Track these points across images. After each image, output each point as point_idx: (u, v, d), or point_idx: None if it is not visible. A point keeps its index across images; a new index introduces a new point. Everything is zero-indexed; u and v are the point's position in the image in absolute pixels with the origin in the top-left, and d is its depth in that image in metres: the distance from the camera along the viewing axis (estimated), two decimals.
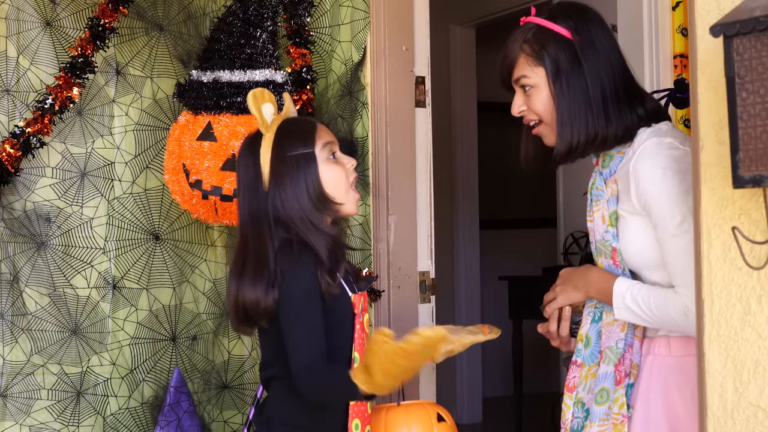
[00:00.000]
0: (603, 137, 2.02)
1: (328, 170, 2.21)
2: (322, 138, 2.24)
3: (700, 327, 1.70)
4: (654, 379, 2.06)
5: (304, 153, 2.20)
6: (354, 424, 2.18)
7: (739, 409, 1.63)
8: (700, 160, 1.69)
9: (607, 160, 2.08)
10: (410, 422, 2.43)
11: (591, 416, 2.06)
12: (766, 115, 1.45)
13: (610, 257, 2.06)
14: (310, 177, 2.18)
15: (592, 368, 2.09)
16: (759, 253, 1.60)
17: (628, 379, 2.05)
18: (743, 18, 1.45)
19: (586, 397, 2.09)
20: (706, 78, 1.69)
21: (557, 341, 2.19)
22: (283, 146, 2.21)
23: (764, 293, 1.60)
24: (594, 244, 2.13)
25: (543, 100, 2.03)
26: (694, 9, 1.71)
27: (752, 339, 1.62)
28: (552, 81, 2.01)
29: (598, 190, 2.09)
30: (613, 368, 2.05)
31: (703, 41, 1.68)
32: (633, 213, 2.03)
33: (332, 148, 2.25)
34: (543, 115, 2.04)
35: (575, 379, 2.12)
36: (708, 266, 1.68)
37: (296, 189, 2.17)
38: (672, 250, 1.95)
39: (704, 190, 1.69)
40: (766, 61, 1.44)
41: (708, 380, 1.67)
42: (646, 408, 2.07)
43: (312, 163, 2.20)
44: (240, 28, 2.91)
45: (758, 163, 1.46)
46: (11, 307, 3.01)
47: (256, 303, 2.14)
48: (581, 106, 2.01)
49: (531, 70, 2.04)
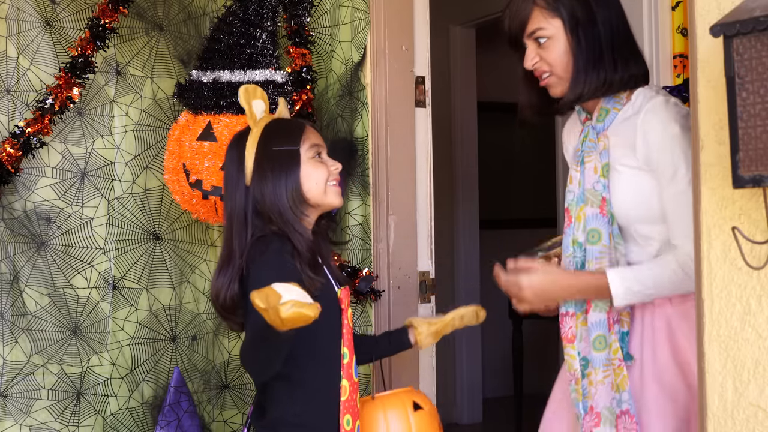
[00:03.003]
0: (610, 83, 2.10)
1: (312, 169, 2.23)
2: (310, 139, 2.25)
3: (700, 327, 1.70)
4: (657, 325, 2.11)
5: (288, 150, 2.21)
6: (345, 419, 2.19)
7: (739, 409, 1.63)
8: (700, 160, 1.69)
9: (603, 115, 2.14)
10: (386, 413, 2.36)
11: (592, 363, 2.11)
12: (766, 115, 1.45)
13: (598, 206, 2.11)
14: (292, 174, 2.20)
15: (580, 317, 2.14)
16: (759, 253, 1.60)
17: (618, 325, 2.11)
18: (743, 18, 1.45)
19: (580, 346, 2.14)
20: (706, 78, 1.69)
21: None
22: (268, 142, 2.23)
23: (764, 293, 1.60)
24: (576, 193, 2.17)
25: (560, 51, 2.09)
26: (694, 9, 1.71)
27: (752, 339, 1.62)
28: (570, 32, 2.08)
29: (590, 142, 2.15)
30: (605, 315, 2.10)
31: (703, 41, 1.68)
32: (634, 167, 2.08)
33: (318, 149, 2.26)
34: (556, 66, 2.10)
35: (572, 330, 2.15)
36: (708, 266, 1.68)
37: (276, 185, 2.19)
38: (682, 201, 1.99)
39: (704, 190, 1.69)
40: (766, 61, 1.44)
41: (708, 380, 1.67)
42: (652, 354, 2.10)
43: (295, 162, 2.21)
44: (240, 28, 2.91)
45: (758, 163, 1.46)
46: (11, 307, 3.01)
47: (217, 294, 2.17)
48: (596, 56, 2.08)
49: (547, 22, 2.09)
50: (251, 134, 2.25)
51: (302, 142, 2.24)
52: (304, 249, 2.16)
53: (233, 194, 2.24)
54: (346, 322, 2.23)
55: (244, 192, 2.22)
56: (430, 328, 2.45)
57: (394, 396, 2.42)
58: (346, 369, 2.20)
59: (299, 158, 2.22)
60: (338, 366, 2.20)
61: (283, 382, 2.16)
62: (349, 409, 2.21)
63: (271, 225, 2.18)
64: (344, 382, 2.20)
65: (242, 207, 2.21)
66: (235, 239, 2.19)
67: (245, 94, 2.28)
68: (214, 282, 2.21)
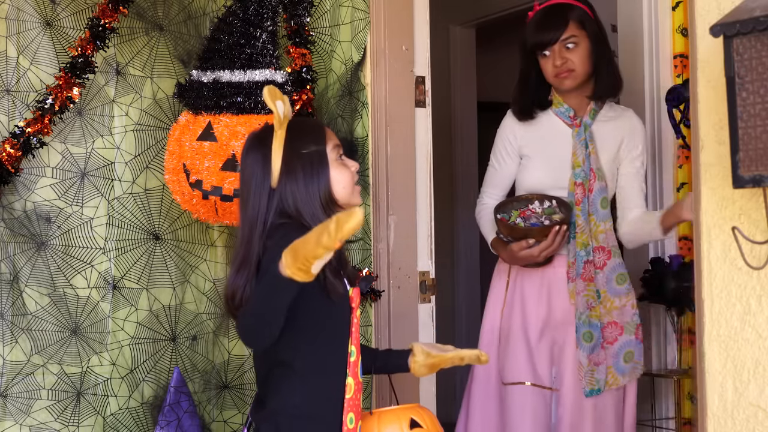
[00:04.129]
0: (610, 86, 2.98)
1: (338, 172, 2.23)
2: (332, 139, 2.26)
3: (700, 327, 1.70)
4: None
5: (317, 150, 2.21)
6: (349, 418, 2.19)
7: (739, 409, 1.63)
8: (700, 160, 1.69)
9: (592, 114, 2.95)
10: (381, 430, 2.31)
11: (613, 293, 2.89)
12: (766, 115, 1.45)
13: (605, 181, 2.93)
14: (323, 176, 2.20)
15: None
16: (759, 253, 1.60)
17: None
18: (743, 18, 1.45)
19: (599, 283, 2.90)
20: (706, 78, 1.69)
21: (545, 253, 2.83)
22: (296, 143, 2.21)
23: (764, 293, 1.60)
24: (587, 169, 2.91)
25: (583, 54, 2.90)
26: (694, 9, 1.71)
27: (752, 339, 1.62)
28: (592, 42, 2.91)
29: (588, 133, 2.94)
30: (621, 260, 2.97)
31: (703, 41, 1.68)
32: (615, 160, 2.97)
33: (339, 150, 2.26)
34: (579, 65, 2.90)
35: (590, 272, 2.88)
36: (708, 266, 1.69)
37: (309, 186, 2.18)
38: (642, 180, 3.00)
39: (704, 190, 1.69)
40: (766, 61, 1.44)
41: (708, 380, 1.67)
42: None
43: (324, 162, 2.21)
44: (240, 28, 2.91)
45: (758, 163, 1.46)
46: (11, 307, 3.01)
47: (233, 293, 2.16)
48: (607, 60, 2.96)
49: (579, 32, 2.90)
50: (276, 135, 2.21)
51: (327, 141, 2.23)
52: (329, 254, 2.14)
53: (258, 195, 2.20)
54: (356, 320, 2.23)
55: (268, 193, 2.19)
56: (427, 359, 2.40)
57: (392, 413, 2.37)
58: (352, 367, 2.20)
59: (327, 159, 2.21)
60: (344, 363, 2.20)
61: (284, 370, 2.16)
62: (353, 407, 2.20)
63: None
64: (350, 380, 2.19)
65: (266, 208, 2.19)
66: (255, 241, 2.17)
67: (271, 94, 2.24)
68: (230, 282, 2.18)
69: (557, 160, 2.93)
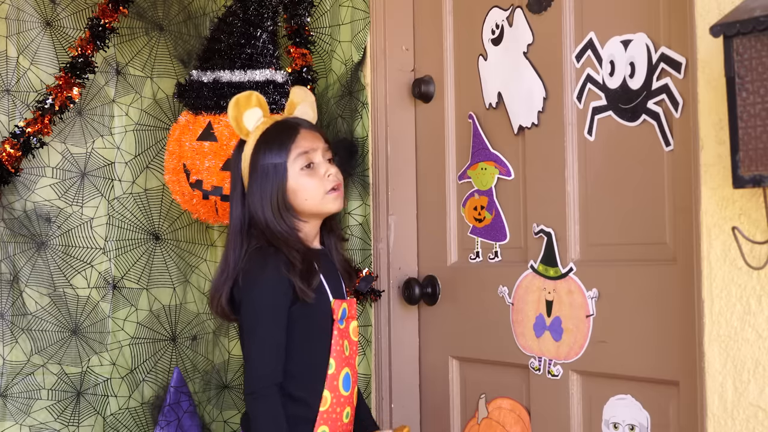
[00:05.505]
0: None
1: (301, 181, 2.22)
2: (300, 147, 2.23)
3: (700, 327, 1.70)
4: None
5: (273, 163, 2.20)
6: (320, 430, 2.17)
7: (739, 409, 1.63)
8: (700, 160, 1.69)
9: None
10: None
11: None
12: (766, 115, 1.45)
13: None
14: (276, 187, 2.20)
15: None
16: (759, 253, 1.60)
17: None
18: (743, 18, 1.45)
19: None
20: (706, 78, 1.69)
21: None
22: (258, 154, 2.23)
23: (764, 293, 1.60)
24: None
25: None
26: (694, 9, 1.71)
27: (752, 339, 1.62)
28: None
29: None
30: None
31: (703, 41, 1.68)
32: None
33: (310, 157, 2.23)
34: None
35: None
36: (708, 266, 1.68)
37: (262, 197, 2.19)
38: None
39: (704, 190, 1.69)
40: (766, 61, 1.44)
41: (708, 380, 1.67)
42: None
43: (280, 174, 2.20)
44: (240, 28, 2.91)
45: (758, 163, 1.46)
46: (11, 307, 3.01)
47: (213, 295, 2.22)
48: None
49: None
50: (247, 144, 2.26)
51: (291, 151, 2.22)
52: (297, 261, 2.14)
53: (234, 200, 2.26)
54: (336, 333, 2.21)
55: (240, 201, 2.24)
56: None
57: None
58: (329, 380, 2.19)
59: (285, 172, 2.21)
60: (323, 376, 2.19)
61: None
62: (327, 421, 2.18)
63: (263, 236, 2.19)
64: (326, 393, 2.18)
65: (238, 217, 2.23)
66: (230, 248, 2.22)
67: (235, 108, 2.26)
68: (213, 283, 2.23)
69: None
